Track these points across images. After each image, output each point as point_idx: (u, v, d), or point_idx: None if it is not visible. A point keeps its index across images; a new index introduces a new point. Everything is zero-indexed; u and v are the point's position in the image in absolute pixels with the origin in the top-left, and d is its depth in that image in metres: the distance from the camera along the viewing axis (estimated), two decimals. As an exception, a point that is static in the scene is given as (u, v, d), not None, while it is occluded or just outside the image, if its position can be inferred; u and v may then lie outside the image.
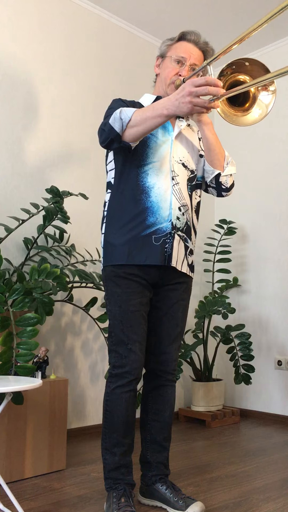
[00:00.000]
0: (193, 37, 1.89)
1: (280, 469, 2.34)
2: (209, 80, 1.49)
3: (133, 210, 1.80)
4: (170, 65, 1.89)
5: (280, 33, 3.53)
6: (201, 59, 1.91)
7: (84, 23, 3.22)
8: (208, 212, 3.95)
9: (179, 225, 1.83)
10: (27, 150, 2.86)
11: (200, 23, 3.43)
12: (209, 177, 1.93)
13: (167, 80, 1.89)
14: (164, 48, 1.93)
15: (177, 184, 1.84)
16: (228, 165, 1.90)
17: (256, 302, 3.60)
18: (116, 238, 1.81)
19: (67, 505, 1.89)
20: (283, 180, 3.52)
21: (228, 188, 1.93)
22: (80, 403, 2.96)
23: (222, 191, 1.94)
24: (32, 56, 2.93)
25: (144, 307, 1.82)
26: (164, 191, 1.80)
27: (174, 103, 1.57)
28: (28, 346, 1.90)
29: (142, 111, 1.65)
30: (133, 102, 1.92)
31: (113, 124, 1.68)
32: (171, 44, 1.91)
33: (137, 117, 1.65)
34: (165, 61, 1.92)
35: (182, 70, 1.87)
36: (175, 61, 1.88)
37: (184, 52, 1.87)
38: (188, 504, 1.76)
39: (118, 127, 1.67)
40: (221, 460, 2.48)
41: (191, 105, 1.53)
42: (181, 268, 1.86)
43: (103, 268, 1.86)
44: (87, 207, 3.11)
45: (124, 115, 1.66)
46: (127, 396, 1.77)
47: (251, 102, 1.62)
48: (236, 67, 1.57)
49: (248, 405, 3.57)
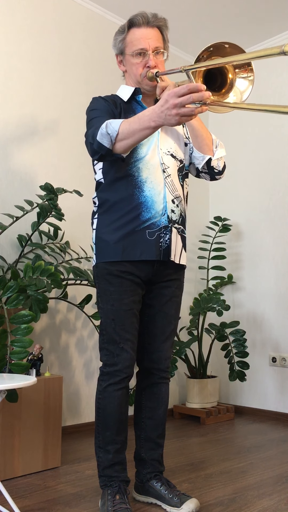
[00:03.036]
0: (141, 20, 1.81)
1: (274, 466, 2.35)
2: (191, 88, 1.41)
3: (127, 206, 1.78)
4: (134, 61, 1.82)
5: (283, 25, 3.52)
6: (159, 37, 1.83)
7: (78, 19, 3.20)
8: (203, 209, 3.95)
9: (175, 218, 1.82)
10: (21, 148, 2.85)
11: (196, 18, 3.42)
12: (200, 163, 1.89)
13: (137, 77, 1.84)
14: (119, 45, 1.86)
15: (169, 176, 1.82)
16: (217, 148, 1.87)
17: (251, 299, 3.60)
18: (110, 234, 1.79)
19: (61, 502, 1.88)
20: (277, 177, 3.53)
21: (220, 171, 1.91)
22: (75, 401, 2.96)
23: (215, 175, 1.91)
24: (25, 53, 2.91)
25: (137, 305, 1.81)
26: (157, 185, 1.79)
27: (161, 116, 1.50)
28: (23, 343, 1.89)
29: (129, 123, 1.59)
30: (113, 97, 1.88)
31: (101, 140, 1.62)
32: (124, 37, 1.84)
33: (124, 130, 1.59)
34: (126, 58, 1.86)
35: (148, 60, 1.80)
36: (137, 55, 1.81)
37: (141, 43, 1.79)
38: (183, 501, 1.76)
39: (107, 142, 1.62)
40: (215, 457, 2.48)
41: (178, 116, 1.46)
42: (180, 261, 1.85)
43: (95, 264, 1.84)
44: (81, 204, 3.10)
45: (110, 129, 1.60)
46: (119, 393, 1.77)
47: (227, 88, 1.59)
48: (214, 49, 1.51)
49: (242, 402, 3.58)
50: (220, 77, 1.60)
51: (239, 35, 3.59)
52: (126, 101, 1.87)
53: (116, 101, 1.86)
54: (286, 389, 3.33)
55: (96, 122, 1.71)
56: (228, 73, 1.59)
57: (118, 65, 1.92)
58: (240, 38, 3.63)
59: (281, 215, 3.48)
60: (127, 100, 1.87)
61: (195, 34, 3.57)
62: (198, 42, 3.67)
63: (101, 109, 1.79)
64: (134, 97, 1.88)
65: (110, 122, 1.62)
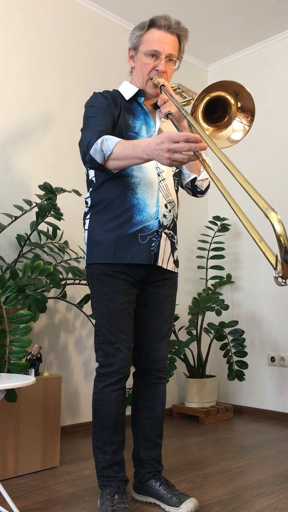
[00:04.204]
0: (164, 22, 1.78)
1: (273, 465, 2.35)
2: (189, 137, 1.40)
3: (120, 207, 1.77)
4: (145, 61, 1.81)
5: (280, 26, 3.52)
6: (176, 45, 1.82)
7: (77, 18, 3.20)
8: (202, 209, 3.95)
9: (166, 223, 1.82)
10: (20, 147, 2.84)
11: (195, 17, 3.42)
12: (185, 179, 1.92)
13: (144, 76, 1.83)
14: (135, 40, 1.83)
15: (163, 180, 1.82)
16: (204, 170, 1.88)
17: (250, 299, 3.60)
18: (102, 235, 1.78)
19: (60, 502, 1.88)
20: (276, 177, 3.53)
21: (203, 191, 1.94)
22: (74, 400, 2.96)
23: (197, 193, 1.95)
24: (24, 52, 2.91)
25: (131, 305, 1.81)
26: (150, 188, 1.79)
27: (154, 153, 1.50)
28: (21, 343, 1.89)
29: (123, 147, 1.58)
30: (114, 93, 1.87)
31: (94, 155, 1.62)
32: (142, 34, 1.81)
33: (117, 151, 1.59)
34: (138, 55, 1.84)
35: (159, 64, 1.79)
36: (150, 55, 1.80)
37: (157, 45, 1.78)
38: (182, 500, 1.76)
39: (99, 158, 1.62)
40: (214, 456, 2.48)
41: (169, 160, 1.47)
42: (167, 266, 1.85)
43: (88, 265, 1.84)
44: (80, 203, 3.10)
45: (105, 147, 1.60)
46: (116, 394, 1.76)
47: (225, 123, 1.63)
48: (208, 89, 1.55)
49: (241, 402, 3.58)
50: (222, 110, 1.62)
51: (235, 36, 3.59)
52: (128, 100, 1.87)
53: (117, 100, 1.84)
54: (284, 389, 3.33)
55: (92, 122, 1.71)
56: (231, 110, 1.61)
57: (128, 59, 1.90)
58: (237, 39, 3.63)
59: (280, 214, 3.47)
60: (129, 99, 1.87)
61: (193, 34, 3.56)
62: (196, 42, 3.67)
63: (99, 108, 1.78)
64: (136, 98, 1.88)
65: (106, 139, 1.61)
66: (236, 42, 3.69)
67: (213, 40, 3.66)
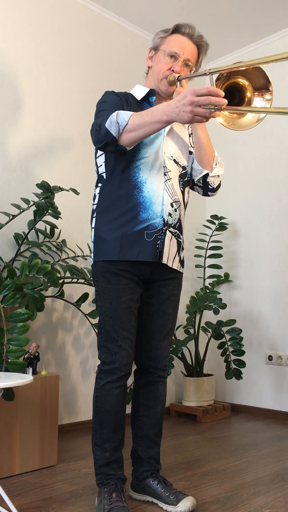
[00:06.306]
0: (188, 30, 1.86)
1: (270, 463, 2.36)
2: (211, 90, 1.46)
3: (125, 205, 1.79)
4: (163, 59, 1.86)
5: (282, 23, 3.52)
6: (195, 54, 1.88)
7: (76, 17, 3.19)
8: (200, 208, 3.95)
9: (171, 222, 1.83)
10: (18, 145, 2.84)
11: (193, 17, 3.42)
12: (197, 176, 1.93)
13: (159, 74, 1.87)
14: (157, 40, 1.90)
15: (169, 179, 1.83)
16: (217, 166, 1.91)
17: (247, 298, 3.61)
18: (108, 233, 1.79)
19: (58, 501, 1.88)
20: (274, 176, 3.53)
21: (214, 188, 1.95)
22: (72, 399, 2.96)
23: (208, 191, 1.96)
24: (22, 50, 2.90)
25: (135, 304, 1.81)
26: (156, 187, 1.80)
27: (175, 110, 1.53)
28: (19, 342, 1.89)
29: (140, 115, 1.61)
30: (126, 94, 1.90)
31: (109, 127, 1.64)
32: (165, 36, 1.88)
33: (134, 121, 1.61)
34: (158, 54, 1.89)
35: (175, 65, 1.84)
36: (168, 55, 1.85)
37: (177, 47, 1.84)
38: (180, 499, 1.76)
39: (114, 131, 1.64)
40: (212, 455, 2.49)
41: (192, 114, 1.49)
42: (172, 265, 1.86)
43: (94, 263, 1.85)
44: (78, 202, 3.10)
45: (121, 119, 1.63)
46: (117, 391, 1.77)
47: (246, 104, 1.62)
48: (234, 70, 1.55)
49: (239, 400, 3.59)
50: (238, 95, 1.62)
51: (232, 35, 3.59)
52: (139, 100, 1.90)
53: (128, 99, 1.87)
54: (282, 387, 3.34)
55: (104, 113, 1.72)
56: (247, 92, 1.61)
57: (147, 59, 1.95)
58: (234, 39, 3.63)
59: (277, 213, 3.48)
60: (140, 100, 1.90)
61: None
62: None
63: (111, 102, 1.80)
64: (147, 97, 1.90)
65: (121, 112, 1.64)
66: (236, 42, 3.69)
67: (209, 41, 3.66)
